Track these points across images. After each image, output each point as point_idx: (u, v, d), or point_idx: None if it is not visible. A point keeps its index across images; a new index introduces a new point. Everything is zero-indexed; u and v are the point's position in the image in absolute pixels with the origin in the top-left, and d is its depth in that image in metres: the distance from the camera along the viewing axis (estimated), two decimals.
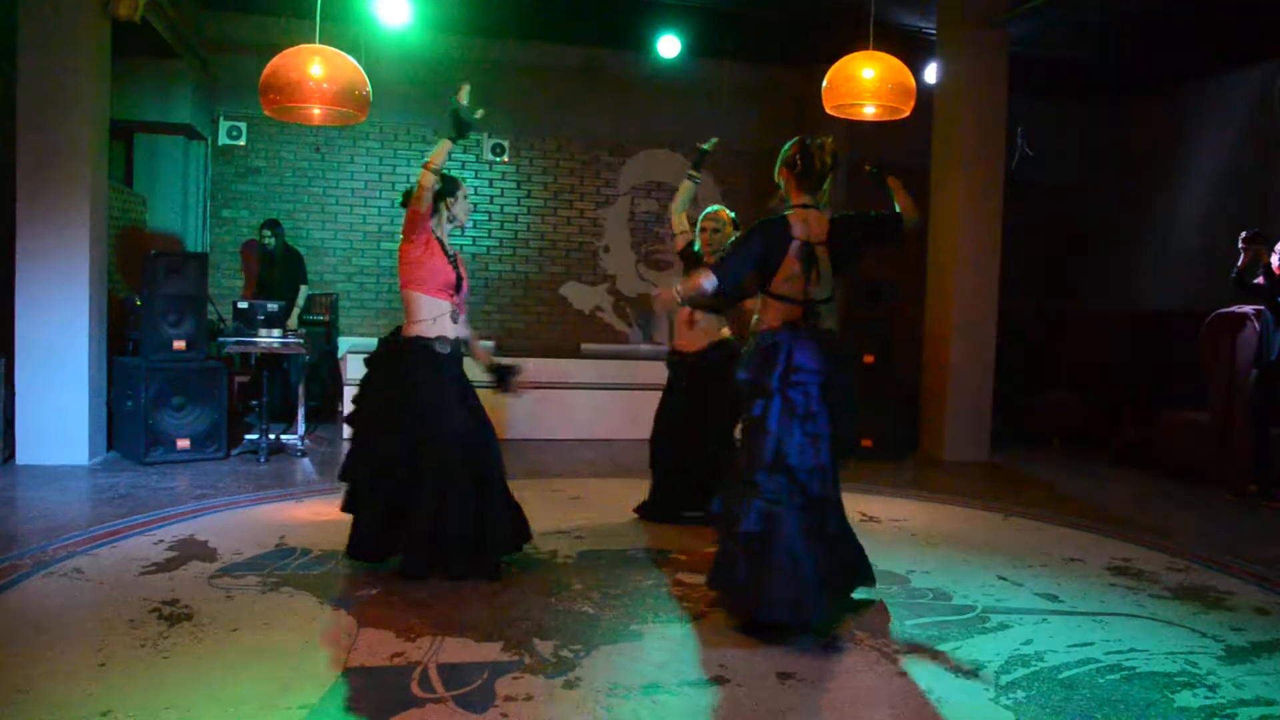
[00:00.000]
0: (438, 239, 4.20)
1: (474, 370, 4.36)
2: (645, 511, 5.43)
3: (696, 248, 5.25)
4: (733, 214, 5.27)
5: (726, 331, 5.27)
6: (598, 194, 10.27)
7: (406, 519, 4.10)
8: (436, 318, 4.15)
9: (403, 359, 4.18)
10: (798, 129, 4.99)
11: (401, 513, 4.12)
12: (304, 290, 8.51)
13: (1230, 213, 8.77)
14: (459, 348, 4.27)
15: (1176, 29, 8.05)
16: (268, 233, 8.40)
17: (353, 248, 9.71)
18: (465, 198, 4.31)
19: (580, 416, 8.30)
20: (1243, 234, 6.85)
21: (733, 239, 4.98)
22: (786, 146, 3.88)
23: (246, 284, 9.30)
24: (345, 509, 4.28)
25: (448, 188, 4.22)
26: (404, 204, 4.17)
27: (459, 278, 4.25)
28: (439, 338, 4.15)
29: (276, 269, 8.42)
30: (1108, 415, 8.59)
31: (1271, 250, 6.64)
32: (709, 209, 5.29)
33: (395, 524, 4.14)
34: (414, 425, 4.11)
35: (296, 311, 8.37)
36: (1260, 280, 6.63)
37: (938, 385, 8.04)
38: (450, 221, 4.29)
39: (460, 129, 4.02)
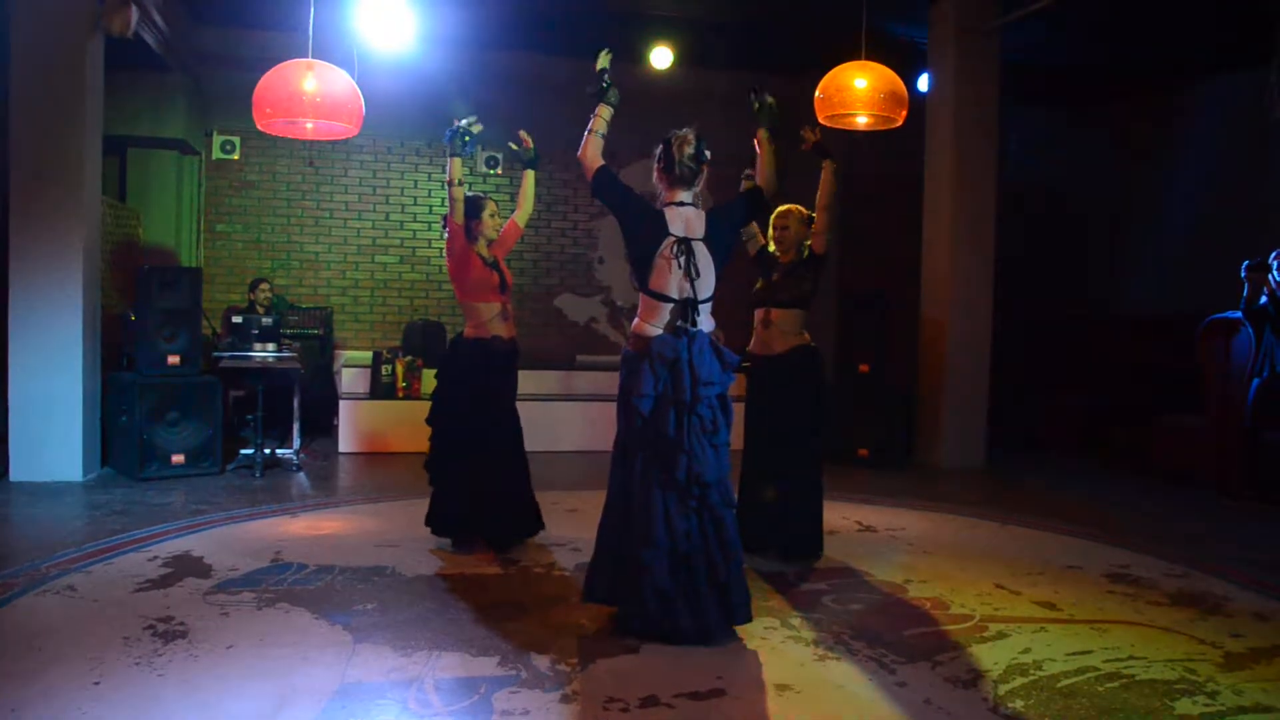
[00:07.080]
0: (476, 252, 4.84)
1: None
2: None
3: (771, 248, 5.00)
4: (810, 213, 4.93)
5: (807, 336, 4.91)
6: (592, 204, 10.26)
7: (483, 491, 4.80)
8: (489, 319, 4.83)
9: (464, 358, 4.86)
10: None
11: (476, 488, 4.79)
12: None
13: (1222, 217, 8.81)
14: (513, 344, 4.95)
15: (1166, 34, 8.09)
16: None
17: (346, 260, 9.70)
18: (492, 215, 4.92)
19: (576, 429, 8.29)
20: (1245, 263, 6.90)
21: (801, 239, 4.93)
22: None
23: None
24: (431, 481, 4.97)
25: (473, 210, 4.87)
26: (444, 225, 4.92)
27: (502, 279, 4.89)
28: (494, 337, 4.85)
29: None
30: (1103, 420, 8.61)
31: (1269, 274, 6.69)
32: (781, 208, 4.95)
33: (471, 499, 4.79)
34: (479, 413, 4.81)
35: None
36: (1264, 302, 6.68)
37: (933, 393, 8.05)
38: (481, 236, 4.88)
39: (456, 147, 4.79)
